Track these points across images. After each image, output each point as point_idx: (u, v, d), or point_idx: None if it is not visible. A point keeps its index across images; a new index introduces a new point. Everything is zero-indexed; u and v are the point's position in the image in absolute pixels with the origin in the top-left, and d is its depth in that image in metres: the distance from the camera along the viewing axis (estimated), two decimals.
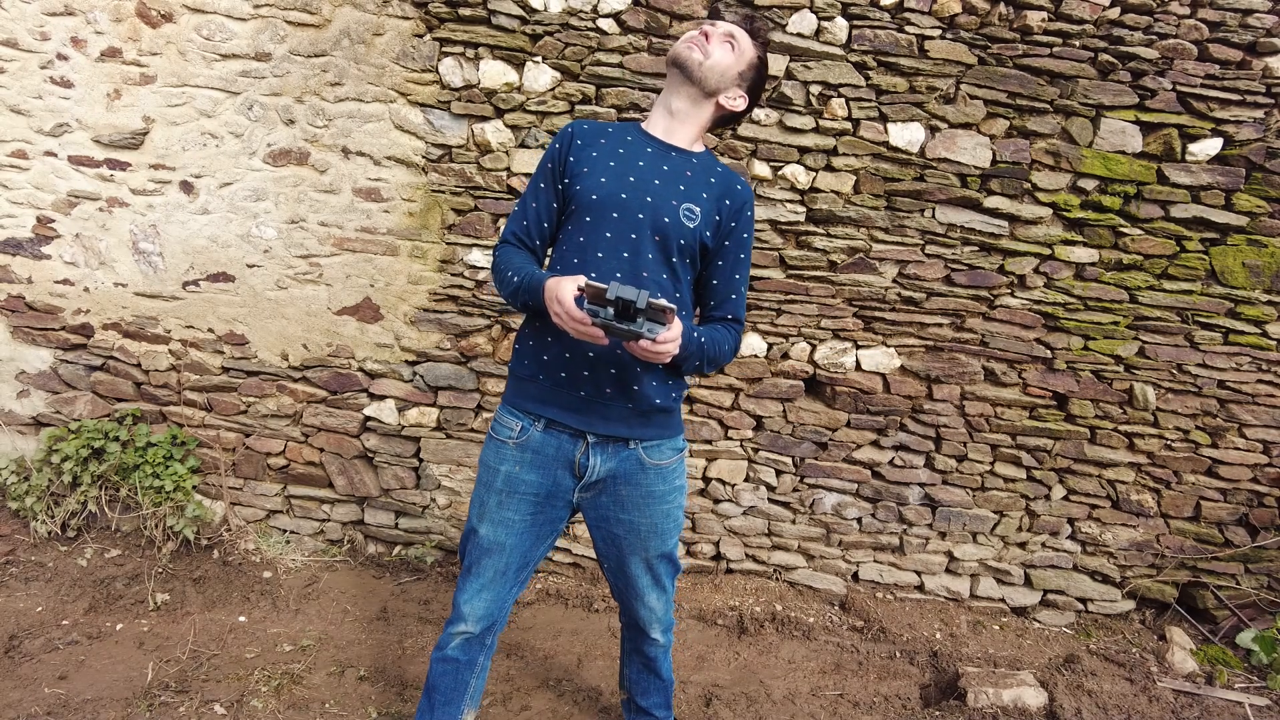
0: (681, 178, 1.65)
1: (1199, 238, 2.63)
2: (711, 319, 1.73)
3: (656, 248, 1.62)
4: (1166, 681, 2.62)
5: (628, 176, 1.62)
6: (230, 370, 2.81)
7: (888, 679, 2.61)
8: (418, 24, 2.51)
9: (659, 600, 1.85)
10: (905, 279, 2.68)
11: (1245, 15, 2.43)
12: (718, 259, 1.70)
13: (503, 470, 1.68)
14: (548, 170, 1.68)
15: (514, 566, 1.74)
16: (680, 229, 1.61)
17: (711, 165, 1.71)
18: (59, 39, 2.55)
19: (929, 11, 2.45)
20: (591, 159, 1.65)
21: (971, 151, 2.56)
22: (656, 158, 1.66)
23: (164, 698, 2.17)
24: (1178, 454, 2.83)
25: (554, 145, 1.70)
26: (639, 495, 1.70)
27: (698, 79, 1.63)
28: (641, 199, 1.61)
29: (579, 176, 1.63)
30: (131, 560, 2.72)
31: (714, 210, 1.66)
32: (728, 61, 1.64)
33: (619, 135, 1.69)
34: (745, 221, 1.71)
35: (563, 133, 1.70)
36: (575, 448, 1.66)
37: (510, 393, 1.73)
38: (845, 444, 2.83)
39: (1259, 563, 2.89)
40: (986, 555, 2.95)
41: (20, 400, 2.86)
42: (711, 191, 1.66)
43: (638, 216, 1.60)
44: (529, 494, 1.68)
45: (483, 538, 1.71)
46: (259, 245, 2.69)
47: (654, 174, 1.64)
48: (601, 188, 1.61)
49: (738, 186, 1.70)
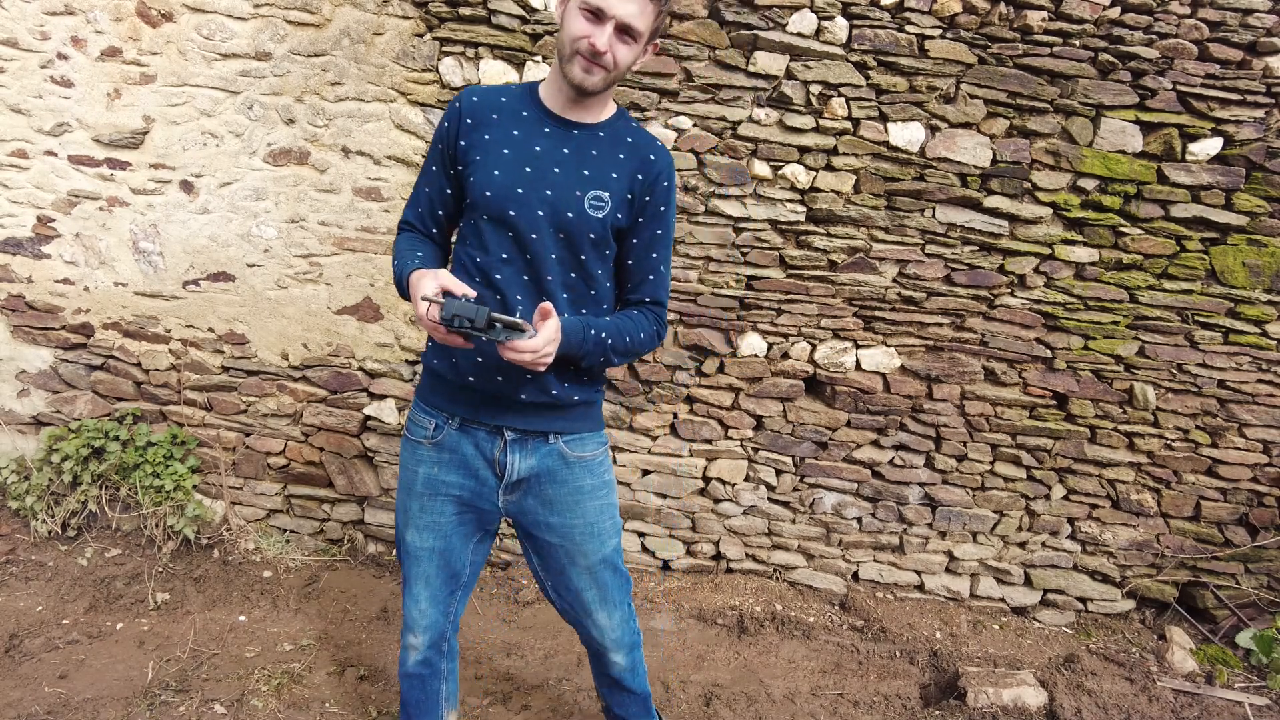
0: (585, 160, 1.48)
1: (1199, 237, 2.63)
2: (629, 303, 1.61)
3: (561, 246, 1.48)
4: (1166, 681, 2.62)
5: (523, 166, 1.46)
6: (230, 370, 2.81)
7: (888, 678, 2.61)
8: (418, 23, 2.51)
9: (609, 617, 1.72)
10: (905, 279, 2.68)
11: (1245, 15, 2.43)
12: (632, 237, 1.56)
13: (421, 472, 1.60)
14: (439, 152, 1.53)
15: (448, 573, 1.67)
16: (586, 223, 1.47)
17: (620, 135, 1.53)
18: (59, 38, 2.55)
19: (929, 11, 2.45)
20: (484, 144, 1.48)
21: (972, 151, 2.56)
22: (556, 139, 1.48)
23: (164, 697, 2.17)
24: (1178, 454, 2.83)
25: (443, 124, 1.52)
26: (567, 493, 1.60)
27: (607, 87, 1.46)
28: (540, 193, 1.46)
29: (471, 166, 1.48)
30: (131, 560, 2.72)
31: (626, 189, 1.50)
32: (632, 55, 1.43)
33: (513, 110, 1.50)
34: (662, 193, 1.54)
35: (451, 109, 1.52)
36: (493, 445, 1.56)
37: (423, 389, 1.63)
38: (845, 443, 2.83)
39: (1259, 562, 2.89)
40: (986, 555, 2.95)
41: (20, 400, 2.86)
42: (623, 169, 1.50)
43: (537, 214, 1.46)
44: (451, 495, 1.60)
45: (410, 544, 1.64)
46: (259, 245, 2.69)
47: (553, 159, 1.47)
48: (495, 181, 1.46)
49: (651, 157, 1.52)
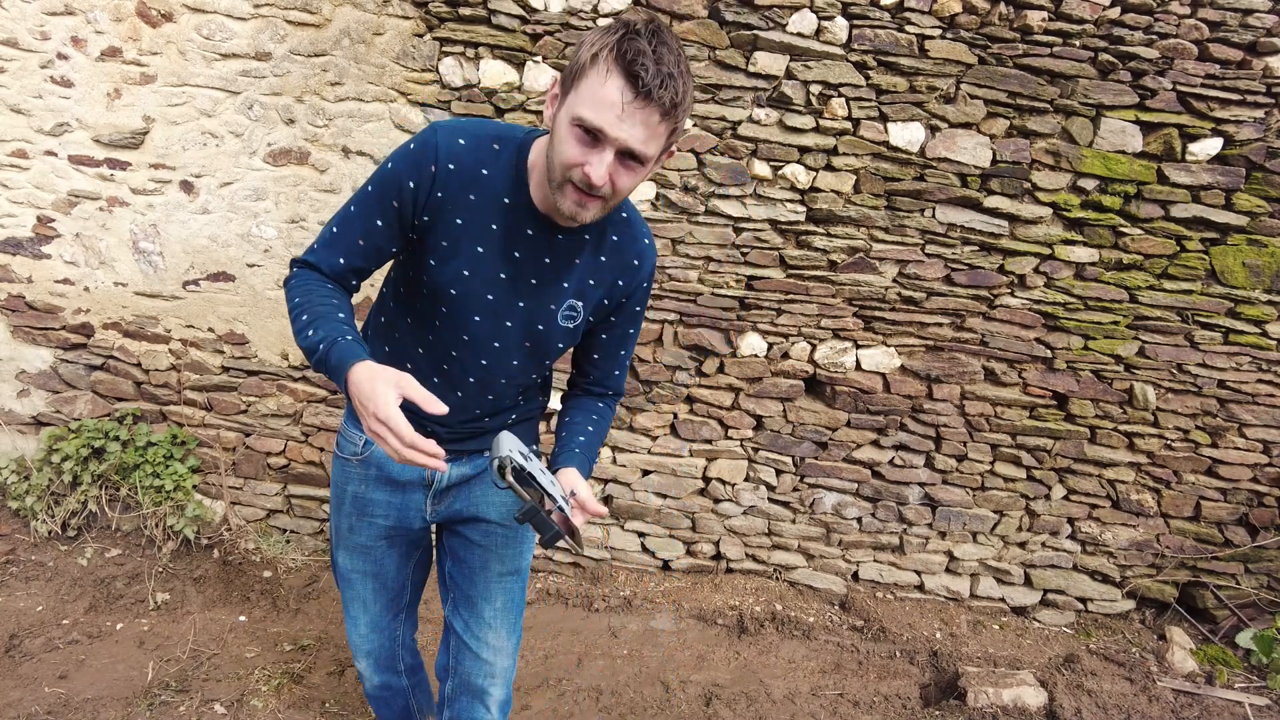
0: (566, 269, 1.31)
1: (1199, 237, 2.63)
2: (588, 391, 1.50)
3: (525, 354, 1.37)
4: (1166, 681, 2.62)
5: (498, 272, 1.28)
6: (230, 370, 2.81)
7: (888, 678, 2.61)
8: (418, 24, 2.51)
9: (502, 641, 1.57)
10: (905, 279, 2.68)
11: (1245, 15, 2.43)
12: (602, 333, 1.43)
13: (349, 490, 1.50)
14: (391, 208, 1.24)
15: (386, 596, 1.58)
16: (557, 334, 1.35)
17: (606, 235, 1.33)
18: (59, 38, 2.55)
19: (929, 11, 2.45)
20: (454, 230, 1.25)
21: (972, 151, 2.56)
22: (537, 245, 1.28)
23: (164, 697, 2.17)
24: (1178, 454, 2.83)
25: (403, 176, 1.22)
26: (494, 493, 1.53)
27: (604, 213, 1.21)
28: (512, 304, 1.30)
29: (434, 251, 1.26)
30: (132, 560, 2.72)
31: (604, 296, 1.37)
32: (639, 179, 1.17)
33: (494, 193, 1.24)
34: (640, 296, 1.41)
35: (418, 162, 1.22)
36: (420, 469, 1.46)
37: (349, 414, 1.52)
38: (845, 444, 2.83)
39: (1259, 562, 2.89)
40: (986, 555, 2.95)
41: (20, 400, 2.86)
42: (604, 276, 1.35)
43: (505, 325, 1.31)
44: (379, 514, 1.51)
45: (342, 568, 1.56)
46: (259, 245, 2.69)
47: (532, 269, 1.29)
48: (463, 282, 1.27)
49: (635, 262, 1.36)
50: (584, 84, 1.08)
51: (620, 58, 1.05)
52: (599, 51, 1.07)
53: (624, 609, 2.79)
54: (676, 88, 1.07)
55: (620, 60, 1.05)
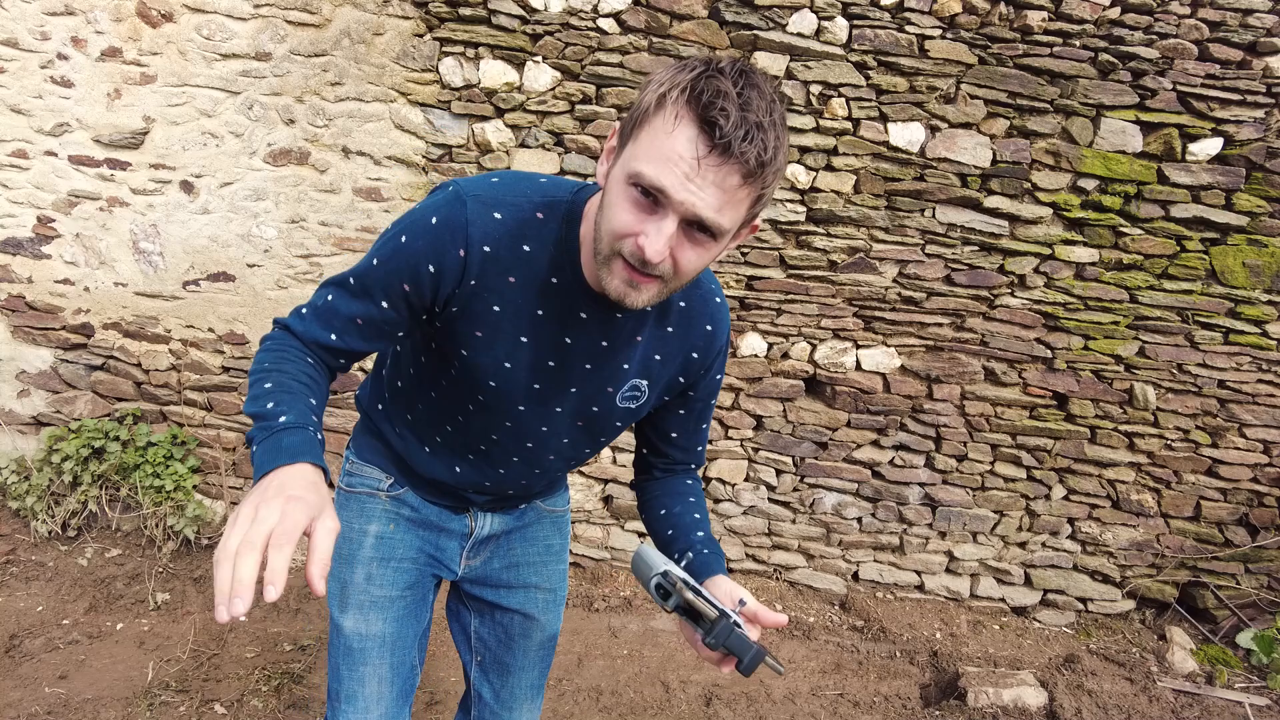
0: (626, 348, 1.09)
1: (1199, 237, 2.63)
2: (670, 471, 1.29)
3: (579, 433, 1.17)
4: (1166, 681, 2.62)
5: (546, 360, 1.06)
6: (230, 370, 2.81)
7: (888, 679, 2.61)
8: (418, 24, 2.51)
9: (535, 709, 1.43)
10: (905, 279, 2.68)
11: (1245, 15, 2.43)
12: (679, 409, 1.23)
13: (372, 531, 1.24)
14: (401, 293, 1.00)
15: (401, 671, 1.27)
16: (615, 414, 1.16)
17: (669, 300, 1.09)
18: (59, 38, 2.55)
19: (929, 11, 2.45)
20: (491, 317, 1.02)
21: (972, 151, 2.56)
22: (592, 327, 1.05)
23: (164, 697, 2.17)
24: (1178, 454, 2.83)
25: (424, 257, 0.98)
26: (536, 553, 1.36)
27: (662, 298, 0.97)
28: (562, 391, 1.10)
29: (465, 340, 1.04)
30: (132, 560, 2.72)
31: (676, 374, 1.16)
32: (708, 258, 0.92)
33: (536, 274, 1.01)
34: (719, 362, 1.21)
35: (445, 241, 0.97)
36: (458, 517, 1.29)
37: (367, 448, 1.28)
38: (845, 444, 2.83)
39: (1259, 562, 2.89)
40: (986, 555, 2.95)
41: (20, 400, 2.86)
42: (673, 351, 1.13)
43: (555, 410, 1.12)
44: (407, 560, 1.25)
45: (349, 637, 1.23)
46: (259, 245, 2.69)
47: (586, 353, 1.07)
48: (504, 375, 1.06)
49: (708, 328, 1.14)
50: (646, 132, 0.85)
51: (694, 99, 0.82)
52: (668, 91, 0.84)
53: (624, 609, 2.79)
54: (766, 142, 0.82)
55: (694, 103, 0.82)
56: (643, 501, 1.30)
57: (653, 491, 1.28)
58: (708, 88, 0.81)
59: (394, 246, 1.00)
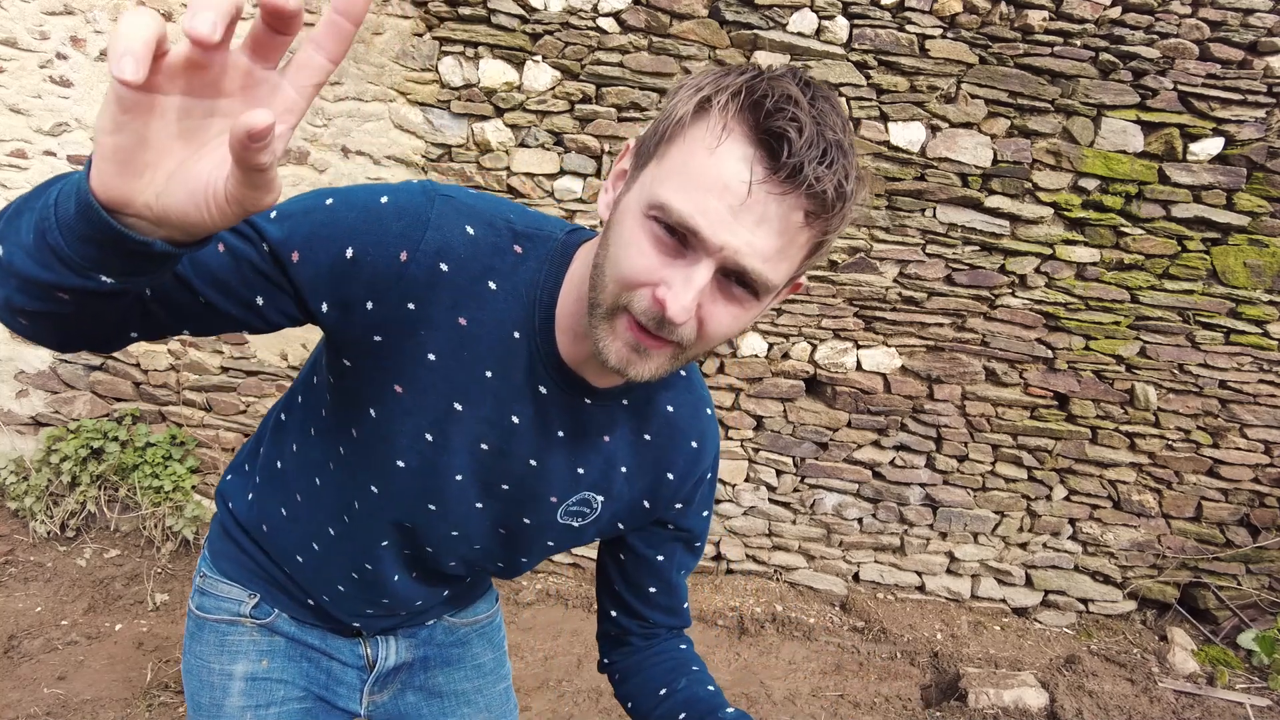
0: (588, 447, 0.84)
1: (1200, 237, 2.63)
2: (653, 634, 1.01)
3: (497, 544, 0.90)
4: (1167, 682, 2.61)
5: (479, 441, 0.80)
6: (229, 370, 2.80)
7: (888, 679, 2.61)
8: (417, 23, 2.50)
9: None
10: (906, 279, 2.68)
11: (1246, 15, 2.43)
12: (654, 552, 0.96)
13: (239, 673, 0.96)
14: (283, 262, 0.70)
15: None
16: (551, 532, 0.89)
17: (653, 400, 0.87)
18: (58, 38, 2.54)
19: (930, 11, 2.45)
20: (422, 369, 0.75)
21: (972, 151, 2.56)
22: (550, 409, 0.80)
23: (163, 698, 2.17)
24: (1179, 454, 2.82)
25: (348, 238, 0.70)
26: (463, 678, 1.10)
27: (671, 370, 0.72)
28: (492, 486, 0.84)
29: (377, 395, 0.77)
30: (130, 560, 2.71)
31: (643, 496, 0.90)
32: (746, 321, 0.69)
33: (494, 321, 0.75)
34: (705, 493, 0.95)
35: (392, 234, 0.71)
36: (348, 641, 1.04)
37: (220, 551, 1.00)
38: (846, 444, 2.83)
39: (1260, 563, 2.88)
40: (987, 556, 2.94)
41: (19, 400, 2.86)
42: (644, 464, 0.88)
43: (475, 507, 0.85)
44: (292, 701, 0.99)
45: None
46: None
47: (534, 442, 0.82)
48: (422, 453, 0.79)
49: (692, 444, 0.89)
50: (678, 149, 0.64)
51: (753, 106, 0.60)
52: (712, 95, 0.62)
53: None
54: (848, 169, 0.62)
55: (754, 110, 0.60)
56: (627, 686, 1.00)
57: (637, 668, 1.00)
58: (772, 90, 0.60)
59: (312, 205, 0.71)
